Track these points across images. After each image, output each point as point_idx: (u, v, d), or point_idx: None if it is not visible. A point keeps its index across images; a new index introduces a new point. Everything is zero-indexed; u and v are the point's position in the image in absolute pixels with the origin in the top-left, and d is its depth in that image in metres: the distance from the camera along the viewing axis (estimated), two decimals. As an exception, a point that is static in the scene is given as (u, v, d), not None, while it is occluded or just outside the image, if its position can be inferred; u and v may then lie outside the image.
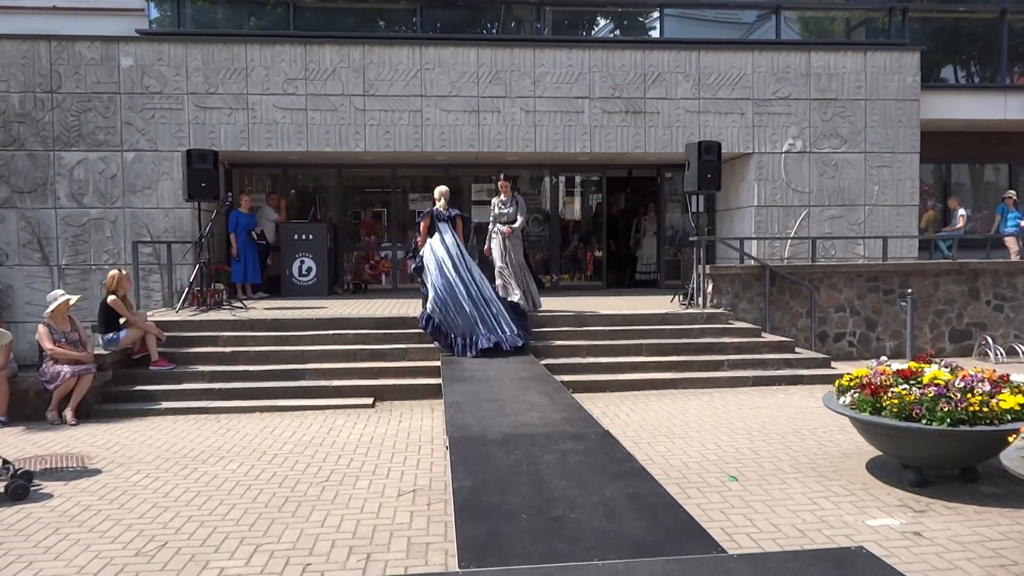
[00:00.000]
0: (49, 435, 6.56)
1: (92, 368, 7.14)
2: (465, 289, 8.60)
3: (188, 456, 5.75)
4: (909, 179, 12.80)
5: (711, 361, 8.52)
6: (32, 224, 11.50)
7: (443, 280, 8.63)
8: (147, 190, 11.61)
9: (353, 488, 4.91)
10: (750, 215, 12.67)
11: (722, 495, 4.62)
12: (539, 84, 12.19)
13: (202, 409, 7.29)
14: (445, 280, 8.63)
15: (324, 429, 6.55)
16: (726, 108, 12.48)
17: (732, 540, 3.89)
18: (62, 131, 11.50)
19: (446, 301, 8.53)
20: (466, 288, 8.61)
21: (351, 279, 13.70)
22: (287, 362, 8.17)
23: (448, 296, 8.55)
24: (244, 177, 13.87)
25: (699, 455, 5.50)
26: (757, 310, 10.56)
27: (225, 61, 11.72)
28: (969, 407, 4.35)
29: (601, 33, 14.11)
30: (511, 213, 9.44)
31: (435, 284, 8.63)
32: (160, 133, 11.62)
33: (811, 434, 6.07)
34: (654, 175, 14.28)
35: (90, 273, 11.51)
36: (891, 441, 4.71)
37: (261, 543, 4.01)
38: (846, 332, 11.05)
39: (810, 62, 12.61)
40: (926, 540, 3.87)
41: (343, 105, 11.89)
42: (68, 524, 4.34)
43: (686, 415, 6.83)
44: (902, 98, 12.71)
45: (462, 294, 8.55)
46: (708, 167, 10.07)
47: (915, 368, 4.90)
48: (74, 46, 11.51)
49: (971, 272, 11.33)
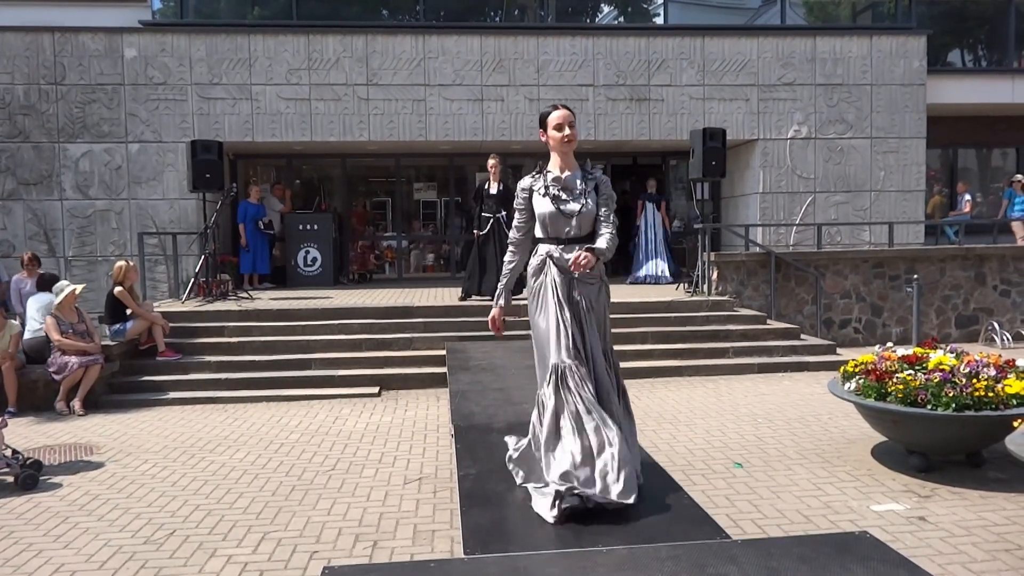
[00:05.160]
0: (58, 425, 6.60)
1: (100, 359, 7.18)
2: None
3: (195, 445, 5.79)
4: (915, 164, 12.72)
5: (716, 348, 8.52)
6: (38, 216, 11.54)
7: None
8: (152, 181, 11.63)
9: (359, 476, 4.93)
10: (755, 202, 12.62)
11: (727, 481, 4.62)
12: (543, 72, 12.14)
13: (209, 399, 7.33)
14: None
15: (330, 418, 6.57)
16: (731, 94, 12.42)
17: (737, 526, 3.90)
18: (67, 123, 11.51)
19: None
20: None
21: (356, 269, 13.73)
22: (293, 352, 8.20)
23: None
24: (249, 168, 13.88)
25: (704, 442, 5.51)
26: (762, 297, 10.53)
27: (228, 51, 11.70)
28: (975, 392, 4.34)
29: (605, 20, 14.03)
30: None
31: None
32: (164, 124, 11.62)
33: (816, 420, 6.07)
34: (659, 162, 14.23)
35: (96, 264, 11.56)
36: (896, 427, 4.71)
37: (268, 531, 4.04)
38: (852, 318, 11.02)
39: (815, 47, 12.52)
40: (931, 525, 3.87)
41: (347, 95, 11.87)
42: (77, 513, 4.38)
43: (691, 402, 6.83)
44: (908, 83, 12.62)
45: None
46: (713, 154, 10.03)
47: (920, 354, 4.89)
48: (78, 37, 11.51)
49: (977, 257, 11.27)
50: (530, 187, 3.93)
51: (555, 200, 3.81)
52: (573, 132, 3.85)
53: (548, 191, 3.83)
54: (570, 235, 3.81)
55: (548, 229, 3.84)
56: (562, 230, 3.81)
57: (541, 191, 3.86)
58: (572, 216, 3.80)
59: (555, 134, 3.83)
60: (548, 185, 3.85)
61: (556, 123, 3.81)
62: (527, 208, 3.94)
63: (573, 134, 3.85)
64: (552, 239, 3.84)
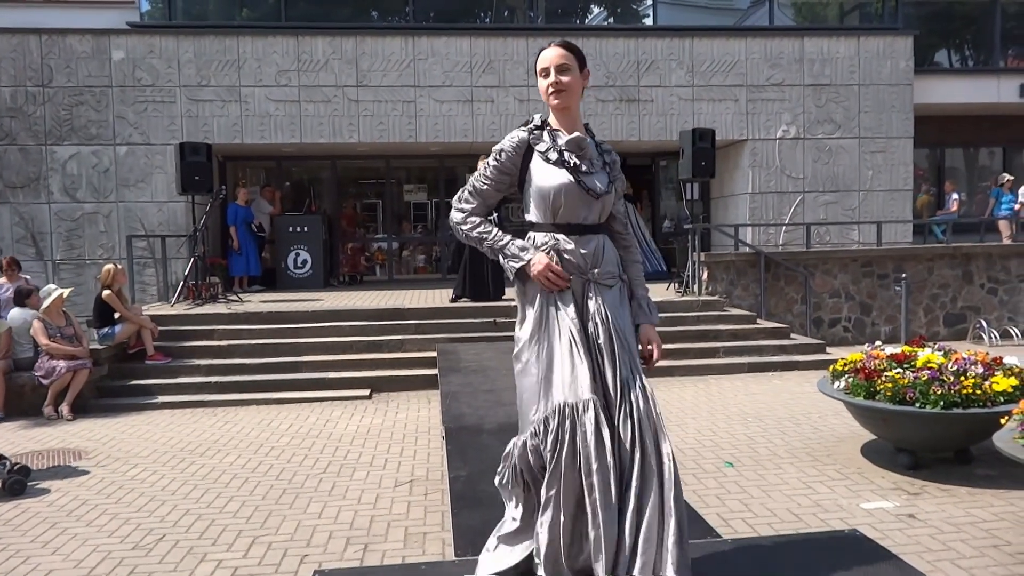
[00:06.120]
0: (46, 430, 6.55)
1: (88, 363, 7.14)
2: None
3: (185, 449, 5.76)
4: (903, 164, 12.80)
5: (706, 348, 8.54)
6: (25, 219, 11.46)
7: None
8: (140, 184, 11.56)
9: (350, 479, 4.92)
10: (745, 202, 12.67)
11: (718, 481, 4.64)
12: (533, 73, 12.12)
13: (199, 402, 7.30)
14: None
15: (321, 421, 6.55)
16: (720, 95, 12.46)
17: (728, 525, 3.91)
18: (54, 125, 11.44)
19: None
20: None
21: (347, 271, 13.69)
22: (283, 354, 8.17)
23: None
24: (238, 170, 13.83)
25: (695, 441, 5.53)
26: (752, 297, 10.58)
27: (217, 53, 11.66)
28: (962, 390, 4.37)
29: (594, 21, 14.06)
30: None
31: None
32: (153, 126, 11.56)
33: (806, 419, 6.10)
34: (649, 163, 14.27)
35: (84, 268, 11.48)
36: (885, 425, 4.74)
37: (259, 535, 4.02)
38: (841, 317, 11.08)
39: (803, 48, 12.59)
40: (920, 522, 3.90)
41: (336, 96, 11.84)
42: (66, 519, 4.35)
43: (682, 402, 6.85)
44: (895, 83, 12.70)
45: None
46: (702, 154, 10.07)
47: (909, 352, 4.92)
48: (65, 39, 11.44)
49: (965, 256, 11.36)
50: (526, 143, 2.70)
51: (574, 171, 2.65)
52: (567, 80, 2.66)
53: (562, 156, 2.66)
54: (589, 221, 2.69)
55: (555, 212, 2.66)
56: (580, 214, 2.67)
57: (550, 154, 2.67)
58: (599, 196, 2.67)
59: (540, 83, 2.73)
60: (563, 149, 2.67)
61: (540, 68, 2.71)
62: (510, 173, 2.71)
63: (566, 83, 2.66)
64: (562, 226, 2.67)
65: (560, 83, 2.65)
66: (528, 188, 2.70)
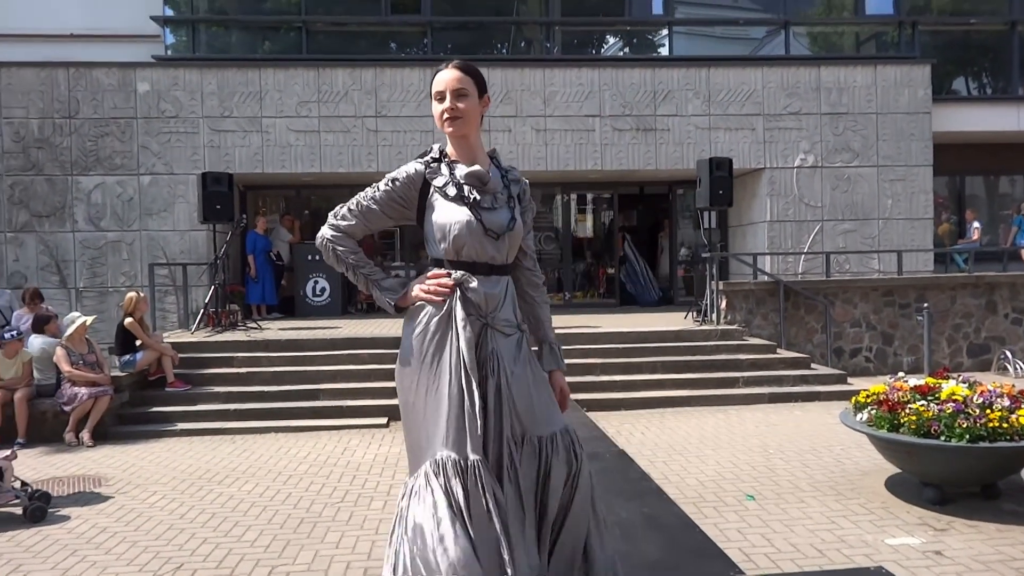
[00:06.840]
0: (67, 457, 6.60)
1: (109, 390, 7.20)
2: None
3: (204, 477, 5.77)
4: (923, 192, 12.73)
5: (726, 378, 8.47)
6: (50, 248, 11.65)
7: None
8: (163, 213, 11.74)
9: (368, 508, 4.90)
10: (763, 230, 12.63)
11: (739, 514, 4.57)
12: (549, 103, 12.25)
13: (217, 430, 7.32)
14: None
15: (339, 449, 6.55)
16: (737, 124, 12.49)
17: (750, 560, 3.85)
18: (80, 156, 11.67)
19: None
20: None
21: (365, 299, 13.75)
22: (302, 382, 8.20)
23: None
24: (258, 199, 14.00)
25: (715, 473, 5.46)
26: (772, 326, 10.49)
27: (239, 85, 11.88)
28: (988, 423, 4.30)
29: (610, 51, 14.19)
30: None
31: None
32: (176, 157, 11.76)
33: (828, 451, 6.01)
34: (666, 192, 14.29)
35: (107, 295, 11.63)
36: (910, 458, 4.66)
37: (276, 564, 4.01)
38: (862, 347, 10.96)
39: (820, 77, 12.62)
40: (947, 559, 3.81)
41: (355, 127, 12.00)
42: (85, 546, 4.36)
43: (702, 432, 6.78)
44: (913, 111, 12.67)
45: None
46: (720, 183, 10.08)
47: (933, 384, 4.85)
48: (92, 72, 11.71)
49: (988, 285, 11.22)
50: (422, 177, 2.50)
51: (474, 207, 2.46)
52: (463, 107, 2.45)
53: (461, 191, 2.47)
54: (496, 262, 2.50)
55: (458, 250, 2.47)
56: (487, 252, 2.48)
57: (448, 189, 2.48)
58: (501, 234, 2.48)
59: (434, 108, 2.50)
60: (461, 181, 2.48)
61: (435, 91, 2.48)
62: (403, 205, 2.53)
63: (462, 109, 2.45)
64: (466, 264, 2.48)
65: (456, 109, 2.45)
66: (428, 224, 2.52)
